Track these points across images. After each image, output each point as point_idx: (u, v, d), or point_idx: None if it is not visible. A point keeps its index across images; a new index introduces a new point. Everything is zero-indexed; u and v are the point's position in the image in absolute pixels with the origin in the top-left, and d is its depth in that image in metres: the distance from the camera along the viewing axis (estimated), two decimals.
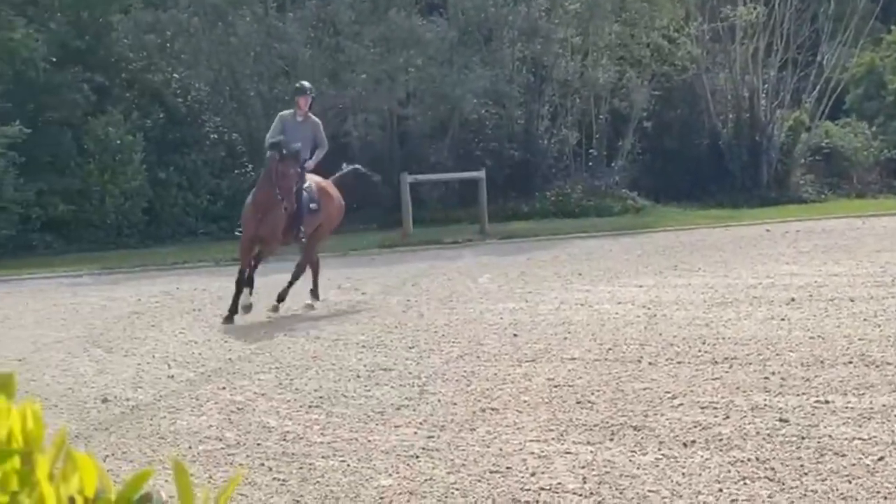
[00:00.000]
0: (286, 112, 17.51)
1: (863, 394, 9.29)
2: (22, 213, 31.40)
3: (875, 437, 7.90)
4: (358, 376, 11.48)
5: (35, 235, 31.99)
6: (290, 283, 16.97)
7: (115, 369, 12.78)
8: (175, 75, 35.77)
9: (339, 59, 36.37)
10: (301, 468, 7.96)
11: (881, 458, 7.36)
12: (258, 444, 8.79)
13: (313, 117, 17.32)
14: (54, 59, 33.12)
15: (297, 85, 18.31)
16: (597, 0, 39.08)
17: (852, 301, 14.78)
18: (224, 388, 11.27)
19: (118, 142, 33.00)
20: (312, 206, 16.73)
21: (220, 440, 9.03)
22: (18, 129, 30.85)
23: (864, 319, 13.18)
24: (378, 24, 35.93)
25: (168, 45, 35.66)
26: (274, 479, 7.71)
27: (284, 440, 8.92)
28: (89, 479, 1.61)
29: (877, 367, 10.38)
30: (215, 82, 35.07)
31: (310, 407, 10.15)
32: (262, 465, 8.12)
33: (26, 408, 1.70)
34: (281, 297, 16.67)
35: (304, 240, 16.95)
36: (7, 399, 1.71)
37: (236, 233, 17.47)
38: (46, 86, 32.94)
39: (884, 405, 8.83)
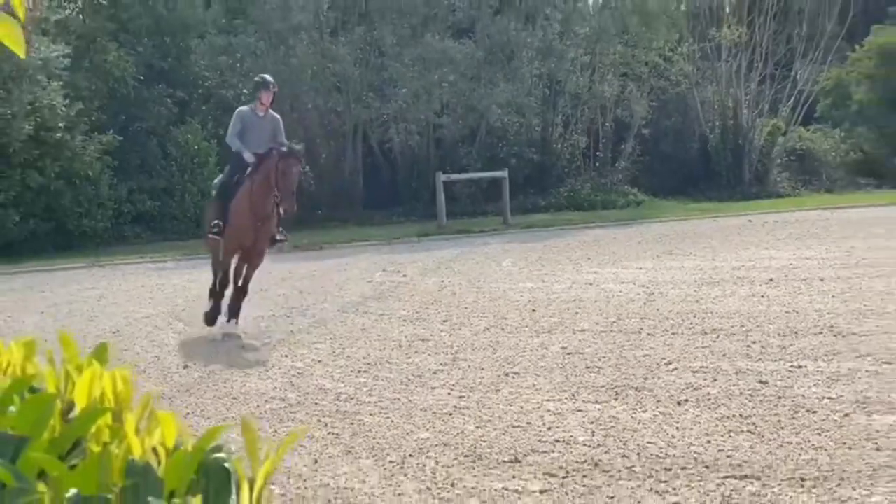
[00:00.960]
0: (245, 108, 13.86)
1: (831, 360, 9.25)
2: (115, 208, 31.57)
3: (842, 396, 7.87)
4: (400, 346, 11.49)
5: (126, 227, 32.14)
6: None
7: (194, 340, 12.85)
8: (244, 91, 35.70)
9: (384, 77, 36.40)
10: (352, 424, 7.97)
11: (847, 415, 7.33)
12: (315, 404, 8.82)
13: (273, 113, 13.71)
14: (142, 78, 33.28)
15: (258, 78, 14.23)
16: (602, 25, 39.01)
17: (822, 280, 14.71)
18: (286, 355, 11.31)
19: (196, 147, 33.15)
20: None
21: (284, 400, 9.06)
22: (112, 136, 31.11)
23: (833, 296, 13.12)
24: (416, 47, 35.89)
25: (238, 65, 35.67)
26: (329, 433, 7.73)
27: (338, 400, 8.94)
28: (169, 433, 1.62)
29: (843, 336, 10.34)
30: (278, 96, 35.05)
31: (359, 372, 10.18)
32: (319, 421, 8.14)
33: (117, 373, 1.71)
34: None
35: (282, 241, 13.61)
36: (101, 365, 1.72)
37: (210, 235, 13.33)
38: (135, 100, 33.11)
39: (849, 369, 8.79)
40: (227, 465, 1.59)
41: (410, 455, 6.97)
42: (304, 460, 6.94)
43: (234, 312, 13.11)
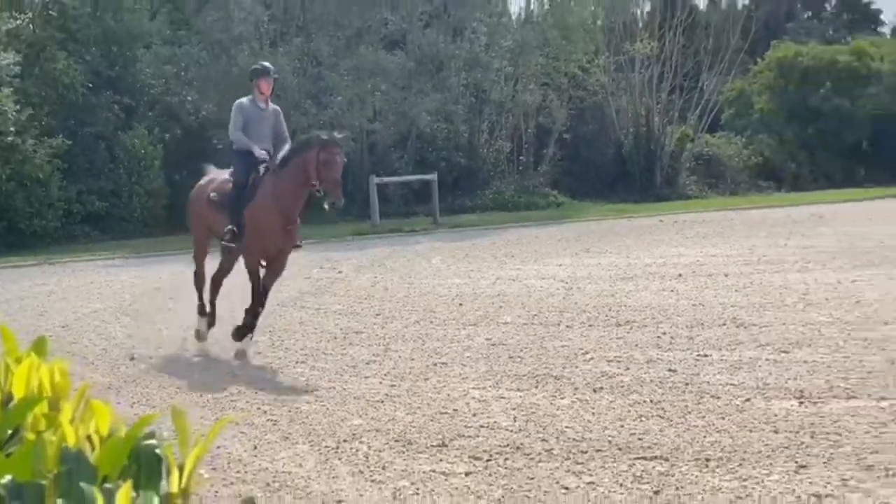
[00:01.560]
0: (244, 100, 11.44)
1: (734, 349, 9.36)
2: (65, 209, 31.15)
3: (743, 383, 7.96)
4: (335, 338, 11.44)
5: (76, 227, 31.70)
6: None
7: (140, 334, 12.68)
8: (188, 98, 35.48)
9: (320, 85, 36.26)
10: (290, 411, 7.93)
11: (748, 400, 7.42)
12: (255, 393, 8.75)
13: (274, 105, 11.63)
14: (90, 85, 32.82)
15: (257, 66, 11.88)
16: (525, 38, 39.21)
17: (726, 276, 14.89)
18: (228, 348, 11.19)
19: (143, 151, 32.80)
20: None
21: (225, 390, 8.98)
22: (62, 141, 30.69)
23: (736, 290, 13.29)
24: (351, 57, 35.81)
25: (182, 73, 35.38)
26: (268, 420, 7.68)
27: (276, 389, 8.89)
28: (103, 421, 1.59)
29: (745, 327, 10.47)
30: (221, 103, 34.77)
31: (297, 363, 10.12)
32: (259, 408, 8.08)
33: (55, 365, 1.68)
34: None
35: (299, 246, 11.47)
36: (39, 358, 1.68)
37: (224, 241, 11.17)
38: (84, 106, 32.66)
39: (750, 358, 8.90)
40: (157, 451, 1.57)
41: (345, 440, 6.94)
42: (244, 446, 6.88)
43: (251, 327, 10.77)
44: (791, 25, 53.68)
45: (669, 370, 8.58)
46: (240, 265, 11.40)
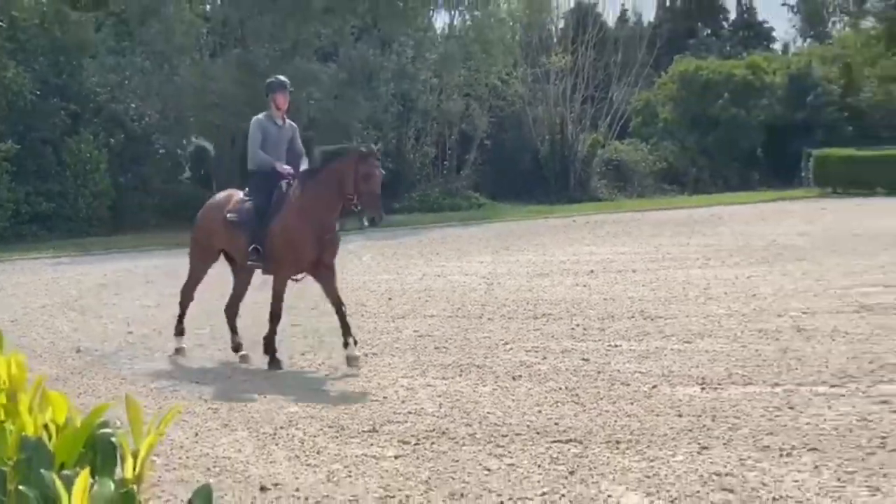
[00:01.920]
0: (261, 116, 10.27)
1: (641, 339, 9.48)
2: (14, 209, 30.56)
3: (650, 370, 8.07)
4: None
5: (24, 227, 31.07)
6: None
7: (86, 327, 12.49)
8: (132, 105, 34.94)
9: (258, 94, 35.94)
10: (230, 400, 7.87)
11: (654, 386, 7.52)
12: (196, 383, 8.68)
13: (290, 121, 10.56)
14: (38, 92, 32.18)
15: (272, 79, 10.80)
16: (449, 51, 39.23)
17: (634, 272, 15.07)
18: (170, 340, 11.05)
19: (88, 155, 32.23)
20: None
21: (167, 380, 8.90)
22: (10, 145, 30.14)
23: (643, 285, 13.45)
24: (287, 68, 35.53)
25: (126, 82, 34.82)
26: (209, 408, 7.62)
27: (217, 379, 8.83)
28: (59, 411, 1.57)
29: (651, 320, 10.61)
30: (163, 111, 34.34)
31: (237, 354, 10.04)
32: (200, 397, 8.02)
33: (12, 357, 1.65)
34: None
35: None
36: None
37: (250, 262, 10.12)
38: (32, 112, 32.01)
39: (657, 347, 9.03)
40: (112, 439, 1.55)
41: (281, 427, 6.91)
42: (186, 433, 6.82)
43: (348, 328, 9.34)
44: (692, 42, 54.38)
45: (583, 359, 8.66)
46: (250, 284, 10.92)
